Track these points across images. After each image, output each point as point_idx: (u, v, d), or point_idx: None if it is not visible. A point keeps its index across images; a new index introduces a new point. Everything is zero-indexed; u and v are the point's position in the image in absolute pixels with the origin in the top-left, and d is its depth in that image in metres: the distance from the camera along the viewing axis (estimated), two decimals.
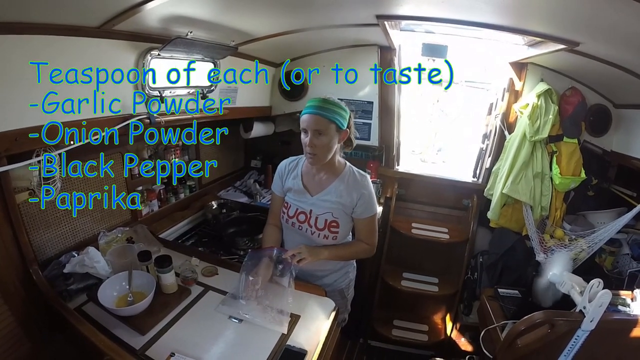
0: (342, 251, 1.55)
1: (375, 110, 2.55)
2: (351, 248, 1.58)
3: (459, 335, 2.65)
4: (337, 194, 1.45)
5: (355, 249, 1.57)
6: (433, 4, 1.51)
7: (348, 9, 1.63)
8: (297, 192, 1.52)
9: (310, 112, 1.35)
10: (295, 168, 1.55)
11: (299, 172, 1.53)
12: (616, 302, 1.61)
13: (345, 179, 1.47)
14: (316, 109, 1.34)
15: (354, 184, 1.46)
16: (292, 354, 1.20)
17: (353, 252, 1.60)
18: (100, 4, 1.13)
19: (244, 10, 1.50)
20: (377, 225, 1.56)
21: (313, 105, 1.36)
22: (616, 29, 1.32)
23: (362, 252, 1.57)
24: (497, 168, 2.33)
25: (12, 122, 1.11)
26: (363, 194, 1.45)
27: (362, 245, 1.55)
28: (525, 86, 2.27)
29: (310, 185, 1.51)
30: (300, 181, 1.52)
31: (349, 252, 1.59)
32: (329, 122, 1.34)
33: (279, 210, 1.59)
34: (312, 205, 1.48)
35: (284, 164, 1.60)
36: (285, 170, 1.58)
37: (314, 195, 1.49)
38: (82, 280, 1.39)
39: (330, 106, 1.35)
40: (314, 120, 1.34)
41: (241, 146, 3.06)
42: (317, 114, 1.33)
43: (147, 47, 1.46)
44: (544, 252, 2.05)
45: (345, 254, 1.59)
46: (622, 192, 2.25)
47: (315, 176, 1.50)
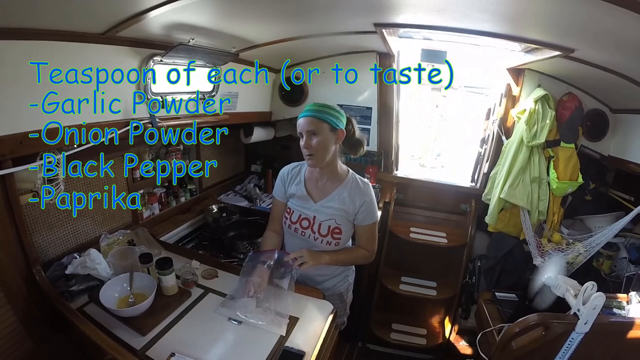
0: (342, 256, 1.57)
1: (374, 116, 2.58)
2: (351, 254, 1.60)
3: (457, 338, 2.66)
4: (340, 201, 1.48)
5: (355, 255, 1.60)
6: (429, 13, 1.54)
7: (347, 17, 1.66)
8: (301, 198, 1.53)
9: (303, 116, 1.41)
10: (298, 174, 1.57)
11: (302, 178, 1.55)
12: (611, 304, 1.63)
13: (348, 186, 1.49)
14: (308, 112, 1.40)
15: (356, 190, 1.49)
16: (290, 356, 1.21)
17: (353, 258, 1.62)
18: (105, 11, 1.16)
19: (245, 18, 1.53)
20: (377, 232, 1.58)
21: (306, 109, 1.42)
22: (609, 35, 1.34)
23: (362, 258, 1.59)
24: (495, 173, 2.35)
25: (18, 125, 1.13)
26: (365, 201, 1.47)
27: (362, 252, 1.57)
28: (522, 92, 2.30)
29: (313, 191, 1.53)
30: (303, 187, 1.53)
31: (349, 258, 1.61)
32: (321, 121, 1.38)
33: (280, 216, 1.60)
34: (315, 212, 1.50)
35: (286, 169, 1.61)
36: (288, 177, 1.59)
37: (318, 201, 1.51)
38: (84, 281, 1.41)
39: (323, 108, 1.40)
40: (306, 121, 1.39)
41: (241, 151, 3.08)
42: (309, 116, 1.39)
43: (150, 53, 1.49)
44: (541, 256, 2.05)
45: (346, 259, 1.60)
46: (620, 196, 2.26)
47: (318, 182, 1.53)
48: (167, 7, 1.16)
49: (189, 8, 1.23)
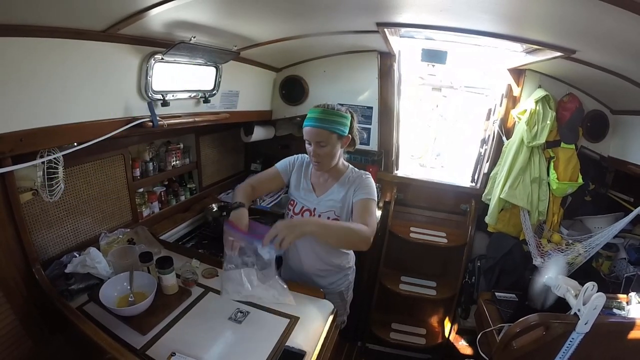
0: (335, 226, 1.41)
1: (375, 115, 2.58)
2: (344, 224, 1.44)
3: (457, 338, 2.66)
4: (339, 193, 1.52)
5: (349, 225, 1.40)
6: (432, 13, 1.54)
7: (349, 16, 1.66)
8: (305, 190, 1.58)
9: (312, 125, 1.41)
10: (308, 168, 1.61)
11: (309, 173, 1.60)
12: (611, 305, 1.64)
13: (347, 179, 1.53)
14: (317, 122, 1.40)
15: (354, 179, 1.52)
16: (291, 355, 1.21)
17: (346, 228, 1.39)
18: (106, 9, 1.15)
19: (247, 17, 1.53)
20: (375, 212, 1.47)
21: (314, 118, 1.42)
22: (611, 37, 1.34)
23: (358, 233, 1.33)
24: (495, 173, 2.35)
25: (17, 123, 1.12)
26: (361, 180, 1.50)
27: (358, 225, 1.37)
28: (523, 92, 2.30)
29: (317, 185, 1.58)
30: (309, 181, 1.59)
31: (342, 227, 1.41)
32: (330, 133, 1.41)
33: (267, 181, 1.63)
34: (317, 204, 1.54)
35: (301, 159, 1.63)
36: (298, 166, 1.62)
37: (319, 195, 1.56)
38: (84, 280, 1.41)
39: (330, 117, 1.41)
40: (315, 133, 1.41)
41: (241, 149, 3.08)
42: (318, 127, 1.40)
43: (150, 51, 1.48)
44: (541, 257, 2.06)
45: (338, 228, 1.40)
46: (619, 197, 2.27)
47: (320, 177, 1.58)
48: (169, 4, 1.15)
49: (190, 6, 1.22)
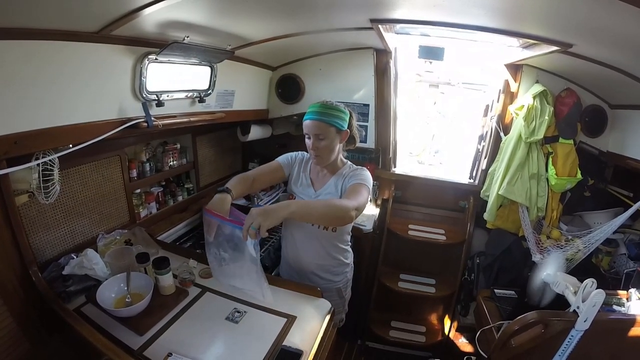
0: (314, 202, 1.45)
1: (372, 113, 2.57)
2: (326, 200, 1.48)
3: (456, 335, 2.66)
4: (335, 187, 1.53)
5: (331, 199, 1.45)
6: (426, 8, 1.53)
7: (342, 13, 1.65)
8: (304, 185, 1.60)
9: (311, 118, 1.44)
10: (308, 164, 1.64)
11: (308, 169, 1.63)
12: (611, 301, 1.63)
13: (343, 173, 1.55)
14: (316, 115, 1.44)
15: (350, 172, 1.54)
16: (288, 354, 1.20)
17: (328, 202, 1.41)
18: (99, 10, 1.14)
19: (239, 16, 1.52)
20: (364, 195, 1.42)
21: (313, 111, 1.45)
22: (607, 30, 1.33)
23: (339, 206, 1.30)
24: (493, 169, 2.34)
25: (12, 125, 1.12)
26: (356, 171, 1.52)
27: (340, 199, 1.40)
28: (520, 87, 2.29)
29: (315, 180, 1.61)
30: (309, 176, 1.61)
31: (323, 202, 1.44)
32: (329, 126, 1.43)
33: (269, 172, 1.63)
34: (315, 198, 1.56)
35: (300, 155, 1.67)
36: (298, 162, 1.65)
37: (317, 189, 1.58)
38: (81, 281, 1.40)
39: (329, 111, 1.44)
40: (314, 125, 1.43)
41: (238, 149, 3.07)
42: (317, 120, 1.43)
43: (144, 52, 1.47)
44: (540, 253, 2.05)
45: (318, 204, 1.40)
46: (619, 192, 2.26)
47: (319, 173, 1.60)
48: (161, 4, 1.15)
49: (182, 5, 1.22)
